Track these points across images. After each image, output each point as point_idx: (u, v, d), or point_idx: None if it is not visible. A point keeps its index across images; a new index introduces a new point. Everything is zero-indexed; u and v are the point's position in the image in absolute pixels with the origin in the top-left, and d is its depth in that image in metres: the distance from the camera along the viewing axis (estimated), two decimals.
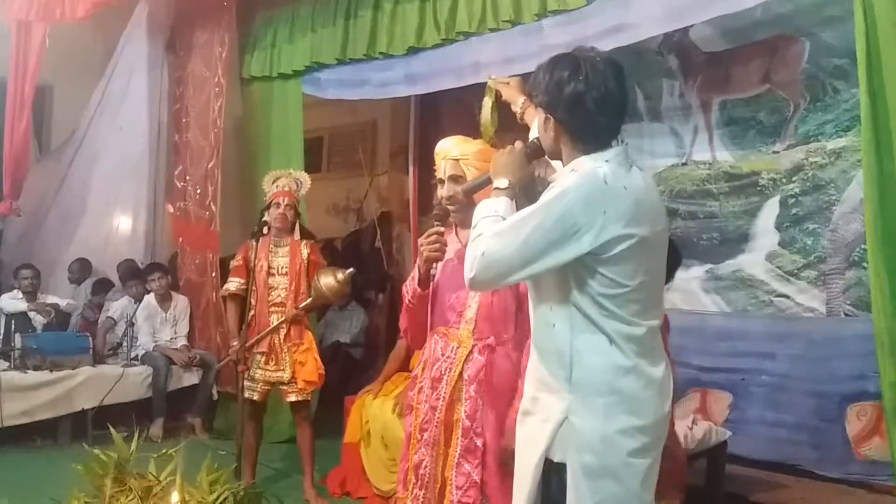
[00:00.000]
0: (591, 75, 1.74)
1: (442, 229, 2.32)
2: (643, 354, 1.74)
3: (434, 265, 2.36)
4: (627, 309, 1.72)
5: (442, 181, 2.41)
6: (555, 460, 1.77)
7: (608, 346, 1.71)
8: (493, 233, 1.75)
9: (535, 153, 1.94)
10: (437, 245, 2.30)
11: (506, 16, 4.13)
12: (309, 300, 4.17)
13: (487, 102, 2.50)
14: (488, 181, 1.97)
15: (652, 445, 1.76)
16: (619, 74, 1.78)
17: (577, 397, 1.73)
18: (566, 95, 1.75)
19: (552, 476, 1.78)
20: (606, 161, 1.75)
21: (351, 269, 4.15)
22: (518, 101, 2.35)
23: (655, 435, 1.77)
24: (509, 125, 2.48)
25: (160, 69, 6.42)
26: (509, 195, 1.86)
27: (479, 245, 1.75)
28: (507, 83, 2.44)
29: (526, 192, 2.00)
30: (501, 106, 2.50)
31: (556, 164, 2.00)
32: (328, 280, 4.07)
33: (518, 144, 1.96)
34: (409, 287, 2.45)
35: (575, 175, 1.74)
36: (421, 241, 2.34)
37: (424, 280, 2.38)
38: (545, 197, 1.74)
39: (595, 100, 1.74)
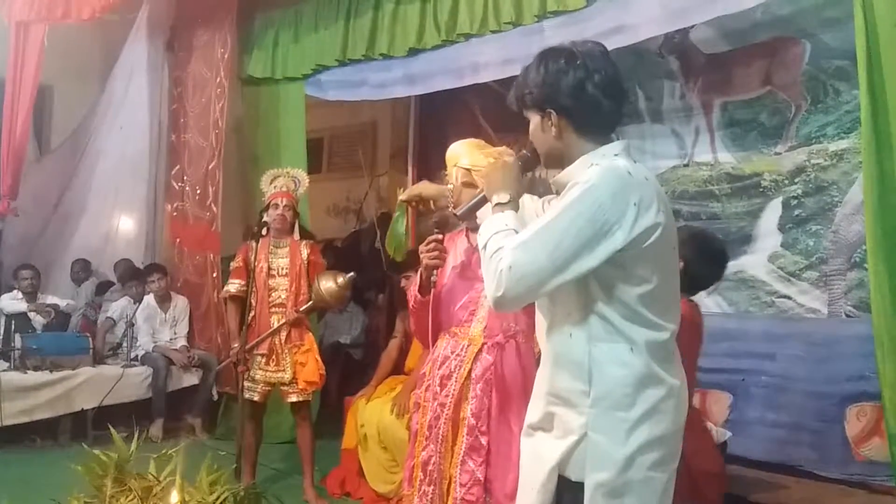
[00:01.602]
0: (589, 60, 1.69)
1: (441, 236, 2.32)
2: (663, 361, 1.67)
3: (434, 272, 2.36)
4: (653, 308, 1.64)
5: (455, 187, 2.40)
6: (572, 479, 1.68)
7: (629, 355, 1.63)
8: (515, 245, 1.61)
9: (528, 165, 1.87)
10: (437, 252, 2.31)
11: (507, 17, 4.12)
12: (309, 303, 4.17)
13: (402, 220, 2.42)
14: (484, 200, 1.89)
15: (669, 458, 1.69)
16: (610, 57, 1.74)
17: (597, 412, 1.64)
18: (568, 83, 1.68)
19: (565, 495, 1.70)
20: (616, 155, 1.69)
21: (351, 274, 4.13)
22: (447, 187, 2.28)
23: (673, 446, 1.71)
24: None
25: (161, 69, 6.42)
26: (513, 208, 1.76)
27: (501, 260, 1.61)
28: (417, 187, 2.36)
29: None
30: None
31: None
32: (328, 284, 4.06)
33: (509, 158, 1.89)
34: (411, 293, 2.47)
35: (595, 169, 1.64)
36: (421, 248, 2.34)
37: (425, 286, 2.39)
38: (566, 198, 1.63)
39: (598, 84, 1.68)
